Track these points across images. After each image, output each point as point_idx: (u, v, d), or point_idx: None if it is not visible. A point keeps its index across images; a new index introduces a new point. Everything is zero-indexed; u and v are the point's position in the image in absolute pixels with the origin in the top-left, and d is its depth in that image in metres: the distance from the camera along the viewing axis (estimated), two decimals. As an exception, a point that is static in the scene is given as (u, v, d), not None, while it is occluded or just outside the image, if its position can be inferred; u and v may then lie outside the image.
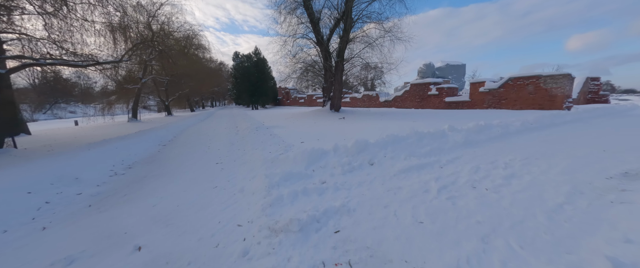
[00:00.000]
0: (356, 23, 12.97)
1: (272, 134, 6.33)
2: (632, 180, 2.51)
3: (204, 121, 13.69)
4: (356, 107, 23.58)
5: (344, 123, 8.58)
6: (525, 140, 4.82)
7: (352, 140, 3.88)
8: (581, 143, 4.36)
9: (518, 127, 5.94)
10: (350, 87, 56.90)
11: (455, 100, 15.00)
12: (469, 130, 5.18)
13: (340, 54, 13.30)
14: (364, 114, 12.91)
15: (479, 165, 3.23)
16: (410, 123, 7.54)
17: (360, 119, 10.11)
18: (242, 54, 30.68)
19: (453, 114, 10.78)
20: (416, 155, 3.74)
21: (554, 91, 11.04)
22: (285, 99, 39.75)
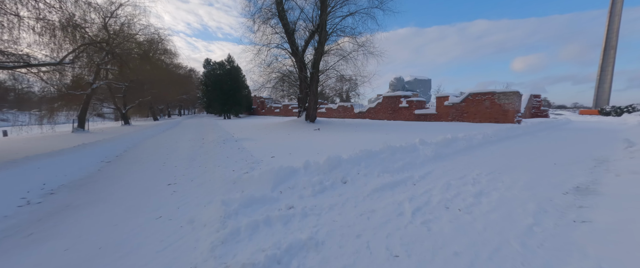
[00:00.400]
0: (331, 36, 13.22)
1: (241, 147, 5.86)
2: (584, 195, 2.65)
3: (166, 132, 12.48)
4: (332, 117, 23.78)
5: (318, 134, 8.40)
6: (488, 154, 5.08)
7: (325, 156, 3.67)
8: (534, 157, 4.71)
9: (480, 140, 6.31)
10: (326, 98, 58.36)
11: (423, 113, 15.89)
12: (438, 144, 5.33)
13: (315, 65, 13.34)
14: (339, 125, 12.94)
15: (450, 181, 3.23)
16: (383, 136, 7.63)
17: (335, 130, 10.05)
18: (214, 61, 29.35)
19: (422, 126, 11.31)
20: (389, 171, 3.64)
21: (506, 106, 12.27)
22: (260, 109, 38.74)
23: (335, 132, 9.29)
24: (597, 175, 3.34)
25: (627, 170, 3.20)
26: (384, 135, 7.63)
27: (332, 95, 64.73)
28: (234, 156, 4.82)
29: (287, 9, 12.85)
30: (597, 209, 2.17)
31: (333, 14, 12.74)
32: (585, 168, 3.82)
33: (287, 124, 13.76)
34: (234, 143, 6.42)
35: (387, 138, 6.93)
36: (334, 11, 12.62)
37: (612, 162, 4.14)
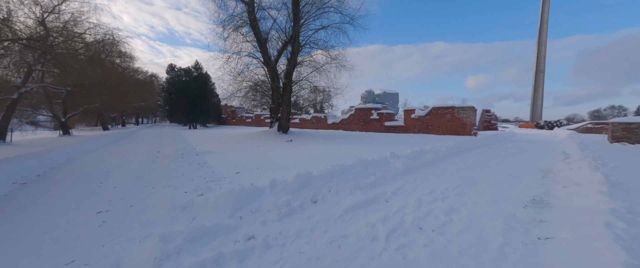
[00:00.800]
0: (304, 48, 13.27)
1: (202, 162, 5.26)
2: (541, 208, 2.78)
3: (115, 144, 10.91)
4: (305, 128, 23.60)
5: (290, 147, 8.07)
6: (452, 166, 5.30)
7: (295, 172, 3.39)
8: (493, 169, 5.03)
9: (445, 152, 6.63)
10: (300, 108, 58.21)
11: (393, 125, 16.61)
12: (408, 157, 5.42)
13: (288, 75, 13.17)
14: (313, 136, 12.76)
15: (421, 197, 3.18)
16: (356, 148, 7.61)
17: (308, 141, 9.82)
18: (180, 67, 27.38)
19: (392, 138, 11.70)
20: (362, 187, 3.50)
21: (464, 120, 13.42)
22: (230, 118, 36.94)
23: (308, 143, 9.07)
24: (547, 187, 3.61)
25: (571, 181, 3.50)
26: (357, 148, 7.62)
27: (306, 106, 65.12)
28: (191, 173, 4.25)
29: (259, 18, 12.64)
30: (556, 224, 2.24)
31: (306, 26, 12.88)
32: (535, 179, 4.14)
33: (259, 134, 13.16)
34: (194, 158, 5.76)
35: (359, 151, 6.92)
36: (307, 24, 12.78)
37: (555, 172, 4.58)
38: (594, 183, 3.02)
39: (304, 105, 66.29)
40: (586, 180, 3.30)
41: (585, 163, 4.49)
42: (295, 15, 11.80)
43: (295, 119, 24.97)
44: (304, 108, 64.52)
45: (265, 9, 12.41)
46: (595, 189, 2.72)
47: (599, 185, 2.84)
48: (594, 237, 1.76)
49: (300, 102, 62.56)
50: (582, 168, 4.28)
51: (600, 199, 2.42)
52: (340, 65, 13.49)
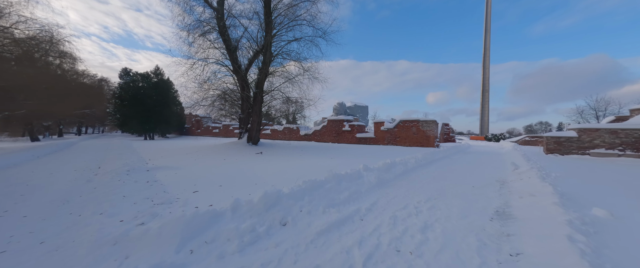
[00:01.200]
0: (276, 58, 13.07)
1: (152, 179, 4.53)
2: (505, 219, 2.88)
3: (43, 158, 9.08)
4: (277, 139, 22.95)
5: (260, 160, 7.58)
6: (422, 177, 5.44)
7: (262, 190, 3.04)
8: (457, 180, 5.27)
9: (413, 164, 6.85)
10: (272, 119, 56.76)
11: (364, 137, 17.05)
12: (380, 169, 5.42)
13: (259, 85, 12.74)
14: (284, 148, 12.33)
15: (395, 213, 3.09)
16: (328, 161, 7.46)
17: (279, 154, 9.40)
18: (136, 72, 24.78)
19: (364, 150, 11.90)
20: (336, 204, 3.28)
21: (428, 133, 14.38)
22: (195, 128, 34.30)
23: (279, 156, 8.66)
24: (505, 197, 3.84)
25: (525, 192, 3.76)
26: (329, 161, 7.47)
27: (279, 117, 64.12)
28: (135, 194, 3.57)
29: (229, 25, 12.18)
30: (523, 238, 2.28)
31: (279, 37, 12.78)
32: (494, 190, 4.41)
33: (226, 146, 12.26)
34: (143, 175, 4.96)
35: (332, 164, 6.77)
36: (279, 35, 12.68)
37: (509, 183, 4.96)
38: (546, 194, 3.25)
39: (276, 116, 65.13)
40: (538, 191, 3.56)
41: (533, 174, 4.95)
42: (267, 25, 11.63)
43: (266, 130, 24.20)
44: (276, 119, 63.36)
45: (235, 17, 12.04)
46: (549, 200, 2.91)
47: (551, 196, 3.06)
48: (561, 253, 1.78)
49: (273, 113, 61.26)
50: (531, 178, 4.69)
51: (556, 210, 2.56)
52: (313, 77, 13.56)
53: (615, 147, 9.01)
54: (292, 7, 12.00)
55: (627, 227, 2.31)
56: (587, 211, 2.71)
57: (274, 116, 58.92)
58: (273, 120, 59.60)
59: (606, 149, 9.14)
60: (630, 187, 4.18)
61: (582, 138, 9.62)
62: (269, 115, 58.27)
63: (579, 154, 9.66)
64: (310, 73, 13.67)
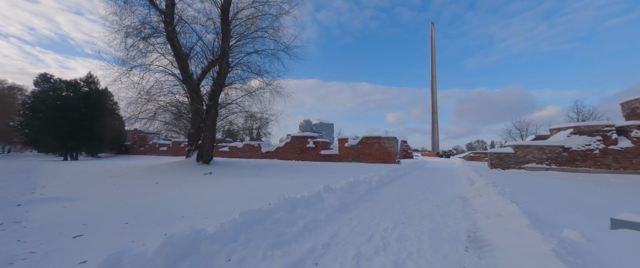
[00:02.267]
0: (234, 69, 12.14)
1: (14, 220, 3.08)
2: (481, 249, 2.49)
3: None
4: (237, 157, 21.05)
5: (204, 183, 6.33)
6: (386, 197, 5.02)
7: (178, 230, 2.10)
8: (421, 198, 4.99)
9: (377, 182, 6.49)
10: (234, 135, 54.04)
11: (328, 154, 16.67)
12: (343, 189, 4.84)
13: (213, 97, 11.50)
14: (241, 167, 11.02)
15: (360, 249, 2.45)
16: (286, 181, 6.64)
17: (232, 174, 8.18)
18: (59, 79, 20.54)
19: (327, 168, 11.37)
20: (283, 242, 2.50)
21: (389, 149, 14.73)
22: (137, 146, 29.66)
23: (232, 177, 7.48)
24: (472, 218, 3.58)
25: (491, 211, 3.56)
26: (288, 181, 6.65)
27: (241, 133, 60.42)
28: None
29: (179, 31, 10.96)
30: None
31: (238, 48, 12.00)
32: (458, 208, 4.18)
33: (169, 166, 10.39)
34: (6, 212, 3.41)
35: (289, 185, 5.97)
36: (239, 46, 11.92)
37: (471, 200, 4.87)
38: (513, 214, 3.04)
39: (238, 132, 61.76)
40: (503, 210, 3.37)
41: (490, 190, 4.96)
42: (224, 34, 10.80)
43: (224, 147, 22.13)
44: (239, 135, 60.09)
45: (187, 23, 10.92)
46: (520, 222, 2.65)
47: (520, 216, 2.83)
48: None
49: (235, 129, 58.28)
50: (490, 195, 4.64)
51: (533, 236, 2.26)
52: (275, 91, 12.90)
53: (543, 162, 10.27)
54: (253, 18, 11.50)
55: (607, 252, 2.08)
56: (558, 233, 2.49)
57: (237, 133, 56.46)
58: (235, 137, 56.68)
59: (536, 164, 10.37)
60: (575, 203, 4.39)
61: (518, 154, 10.80)
62: (232, 132, 55.74)
63: (516, 168, 10.75)
64: (273, 87, 13.02)
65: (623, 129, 9.07)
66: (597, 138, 9.32)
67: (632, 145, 8.75)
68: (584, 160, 9.50)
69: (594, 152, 9.33)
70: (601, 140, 9.24)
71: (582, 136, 9.60)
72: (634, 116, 9.00)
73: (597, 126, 9.37)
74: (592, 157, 9.38)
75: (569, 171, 9.66)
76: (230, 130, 75.24)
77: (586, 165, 9.45)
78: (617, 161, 8.95)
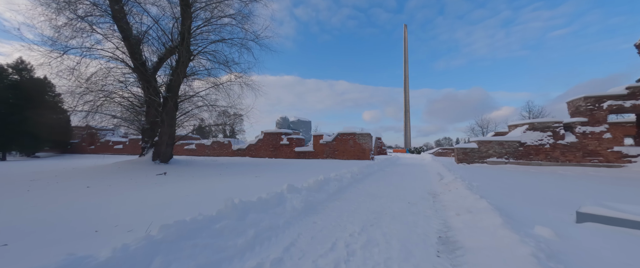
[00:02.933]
0: (197, 58, 10.98)
1: None
2: (453, 252, 2.22)
3: None
4: (205, 155, 19.53)
5: (151, 185, 5.43)
6: (356, 195, 4.70)
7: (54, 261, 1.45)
8: (392, 195, 4.77)
9: (349, 179, 6.18)
10: (206, 133, 50.83)
11: (303, 150, 16.17)
12: (310, 188, 4.40)
13: (171, 88, 10.26)
14: (204, 167, 10.02)
15: (318, 263, 2.02)
16: (251, 181, 6.02)
17: (191, 174, 7.28)
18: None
19: (300, 165, 10.89)
20: (223, 259, 1.98)
21: (364, 146, 14.71)
22: (87, 144, 26.13)
23: (188, 178, 6.61)
24: (442, 215, 3.39)
25: (461, 207, 3.39)
26: (253, 180, 6.03)
27: (214, 131, 56.74)
28: None
29: (128, 11, 9.52)
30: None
31: (203, 36, 10.85)
32: (428, 205, 4.00)
33: (117, 167, 9.03)
34: None
35: (253, 185, 5.37)
36: (203, 34, 10.78)
37: (440, 195, 4.76)
38: (483, 210, 2.86)
39: (210, 129, 58.36)
40: (473, 206, 3.20)
41: (459, 185, 4.90)
42: (184, 16, 9.64)
43: (190, 145, 20.42)
44: (212, 132, 56.73)
45: (138, 2, 9.52)
46: (492, 221, 2.44)
47: (491, 213, 2.64)
48: None
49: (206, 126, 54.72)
50: (459, 189, 4.56)
51: (508, 236, 2.02)
52: (245, 84, 11.98)
53: (503, 156, 10.97)
54: (219, 2, 10.45)
55: (585, 252, 1.91)
56: (530, 229, 2.32)
57: (208, 130, 53.26)
58: (208, 135, 53.30)
59: (497, 158, 11.03)
60: (538, 195, 4.48)
61: (481, 149, 11.41)
62: (202, 128, 51.98)
63: (480, 162, 11.35)
64: (243, 79, 12.08)
65: (569, 125, 10.02)
66: (548, 134, 10.18)
67: (575, 140, 9.69)
68: (537, 154, 10.33)
69: (545, 147, 10.18)
70: (551, 136, 10.11)
71: (536, 132, 10.42)
72: (578, 114, 10.00)
73: (548, 123, 10.23)
74: (543, 151, 10.22)
75: (524, 164, 10.43)
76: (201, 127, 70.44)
77: (539, 158, 10.28)
78: (564, 154, 9.86)
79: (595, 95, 9.46)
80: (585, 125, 9.58)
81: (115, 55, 9.90)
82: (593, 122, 9.45)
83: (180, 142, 20.81)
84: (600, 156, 9.28)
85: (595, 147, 9.37)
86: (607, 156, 9.17)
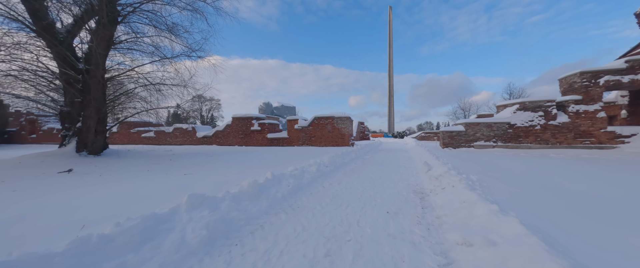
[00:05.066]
0: (130, 20, 8.60)
1: None
2: None
3: None
4: (165, 144, 17.24)
5: (30, 191, 3.61)
6: (318, 198, 3.26)
7: None
8: (366, 198, 3.39)
9: (314, 173, 4.73)
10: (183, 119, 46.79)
11: (276, 137, 14.52)
12: (238, 196, 2.87)
13: (92, 59, 7.94)
14: (146, 159, 8.10)
15: None
16: (171, 180, 4.36)
17: (117, 170, 5.44)
18: None
19: (267, 154, 9.30)
20: None
21: (343, 130, 13.32)
22: (27, 133, 22.44)
23: (108, 176, 4.80)
24: (441, 245, 2.03)
25: (468, 226, 2.04)
26: (174, 180, 4.38)
27: (193, 117, 52.43)
28: None
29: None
30: None
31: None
32: (416, 218, 2.67)
33: (18, 161, 6.88)
34: None
35: (154, 192, 3.73)
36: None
37: (430, 197, 3.45)
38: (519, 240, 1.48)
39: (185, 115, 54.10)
40: (494, 227, 1.85)
41: (454, 180, 3.61)
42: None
43: (149, 133, 17.90)
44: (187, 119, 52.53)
45: None
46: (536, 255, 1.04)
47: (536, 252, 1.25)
48: None
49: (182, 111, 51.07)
50: (456, 188, 3.25)
51: None
52: (198, 56, 9.84)
53: (491, 139, 10.09)
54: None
55: None
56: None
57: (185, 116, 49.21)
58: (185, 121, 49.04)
59: (485, 141, 10.15)
60: (556, 192, 3.28)
61: (468, 132, 10.45)
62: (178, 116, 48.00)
63: (466, 147, 10.45)
64: (196, 53, 9.90)
65: (561, 104, 9.23)
66: (539, 114, 9.34)
67: (568, 120, 8.94)
68: (526, 136, 9.54)
69: (536, 128, 9.39)
70: (543, 116, 9.28)
71: (526, 112, 9.55)
72: (571, 91, 9.21)
73: (539, 102, 9.36)
74: (533, 133, 9.44)
75: (512, 148, 9.64)
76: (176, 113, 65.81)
77: (528, 141, 9.51)
78: (555, 136, 9.13)
79: (591, 70, 8.62)
80: (579, 104, 8.81)
81: (12, 13, 7.31)
82: (588, 100, 8.69)
83: (137, 129, 18.21)
84: (592, 137, 8.64)
85: (587, 127, 8.68)
86: (599, 137, 8.54)
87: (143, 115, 11.50)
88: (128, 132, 18.38)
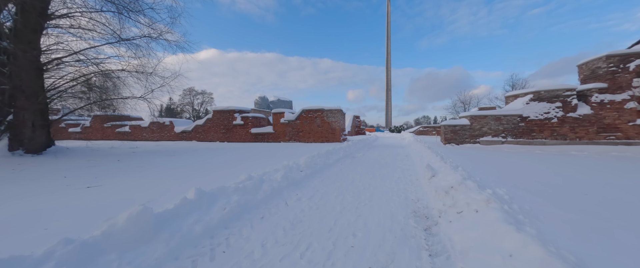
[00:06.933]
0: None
1: None
2: None
3: None
4: (141, 139, 15.80)
5: None
6: (220, 241, 2.00)
7: None
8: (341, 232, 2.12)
9: (277, 182, 3.45)
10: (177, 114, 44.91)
11: (261, 132, 13.18)
12: (82, 250, 1.57)
13: (21, 36, 6.47)
14: (89, 157, 6.74)
15: None
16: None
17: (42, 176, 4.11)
18: None
19: (242, 152, 7.99)
20: None
21: (333, 124, 12.01)
22: None
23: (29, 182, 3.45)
24: None
25: None
26: (62, 201, 3.07)
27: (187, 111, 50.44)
28: None
29: None
30: None
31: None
32: None
33: None
34: None
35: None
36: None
37: (440, 226, 2.19)
38: None
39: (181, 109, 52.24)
40: None
41: (477, 199, 2.35)
42: None
43: (124, 127, 16.41)
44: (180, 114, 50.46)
45: None
46: None
47: None
48: None
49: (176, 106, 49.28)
50: (480, 213, 2.00)
51: None
52: (160, 37, 8.37)
53: (499, 134, 8.88)
54: None
55: None
56: None
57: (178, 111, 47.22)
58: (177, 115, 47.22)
59: (492, 136, 8.94)
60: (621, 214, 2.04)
61: (474, 125, 9.22)
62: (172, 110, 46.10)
63: (471, 143, 9.24)
64: (159, 32, 8.43)
65: (583, 94, 8.01)
66: (557, 105, 8.12)
67: (590, 112, 7.74)
68: (541, 131, 8.34)
69: (552, 121, 8.18)
70: (561, 107, 8.07)
71: (542, 103, 8.31)
72: (593, 79, 7.98)
73: (557, 90, 8.12)
74: (549, 127, 8.23)
75: (525, 144, 8.45)
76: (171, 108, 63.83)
77: (543, 136, 8.32)
78: (574, 130, 7.94)
79: (620, 53, 7.38)
80: (603, 93, 7.60)
81: None
82: (614, 88, 7.48)
83: (111, 123, 16.70)
84: (618, 131, 7.47)
85: (613, 120, 7.50)
86: (627, 131, 7.38)
87: (128, 108, 10.07)
88: (101, 127, 16.88)
